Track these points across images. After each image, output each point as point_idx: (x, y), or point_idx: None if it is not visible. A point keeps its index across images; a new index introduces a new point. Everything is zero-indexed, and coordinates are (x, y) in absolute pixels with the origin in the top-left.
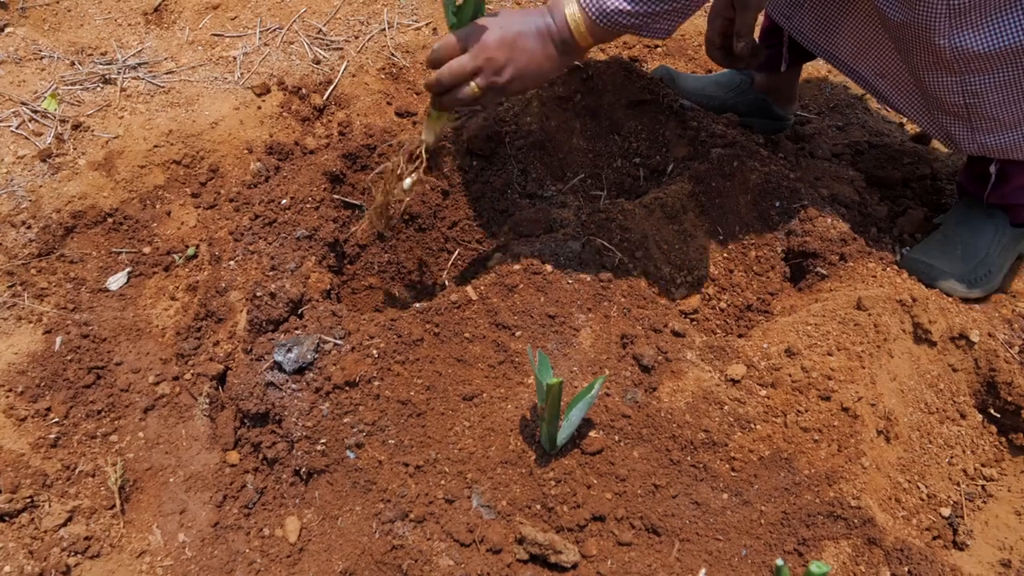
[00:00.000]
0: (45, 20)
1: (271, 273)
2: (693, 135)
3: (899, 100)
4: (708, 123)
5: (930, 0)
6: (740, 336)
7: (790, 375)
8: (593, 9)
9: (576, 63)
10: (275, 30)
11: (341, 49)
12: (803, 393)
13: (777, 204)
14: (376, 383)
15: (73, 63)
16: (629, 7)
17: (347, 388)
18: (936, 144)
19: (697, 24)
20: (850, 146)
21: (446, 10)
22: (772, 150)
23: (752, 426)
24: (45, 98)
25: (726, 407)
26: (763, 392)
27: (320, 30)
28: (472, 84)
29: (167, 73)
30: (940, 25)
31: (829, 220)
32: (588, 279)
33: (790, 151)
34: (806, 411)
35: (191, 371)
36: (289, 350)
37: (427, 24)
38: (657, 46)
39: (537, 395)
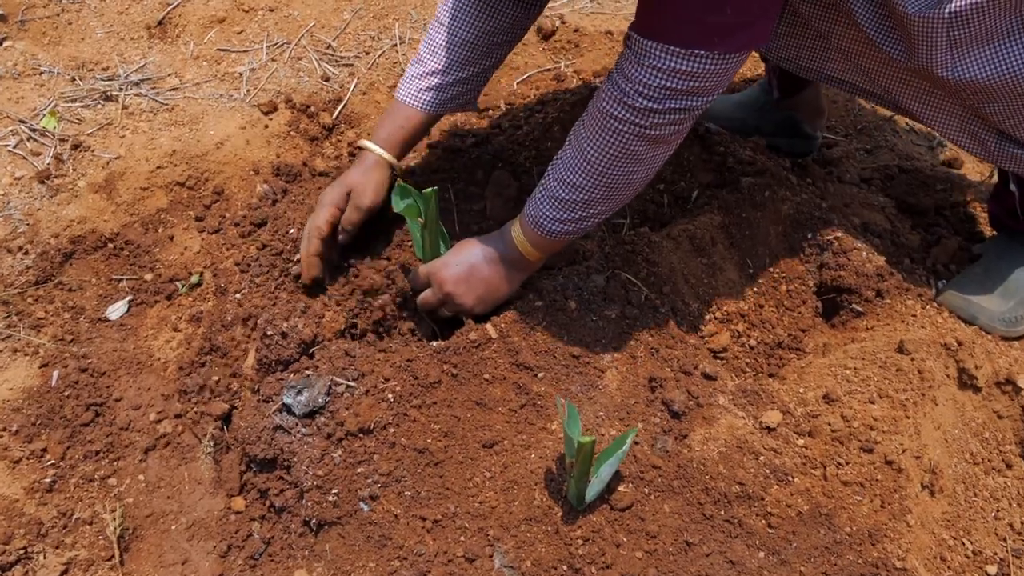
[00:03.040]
0: (45, 34)
1: (281, 310)
2: (720, 161)
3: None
4: (735, 148)
5: (930, 35)
6: (771, 375)
7: (829, 424)
8: (531, 222)
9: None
10: (283, 45)
11: (351, 65)
12: (844, 444)
13: (809, 236)
14: (391, 430)
15: (73, 79)
16: (560, 216)
17: (361, 436)
18: (968, 168)
19: None
20: (879, 170)
21: (413, 237)
22: (800, 175)
23: (789, 478)
24: (44, 116)
25: (761, 457)
26: (800, 442)
27: (329, 45)
28: (442, 310)
29: (171, 90)
30: (942, 59)
31: (864, 254)
32: (613, 316)
33: (819, 176)
34: (847, 463)
35: (194, 409)
36: (299, 392)
37: None
38: None
39: (565, 449)
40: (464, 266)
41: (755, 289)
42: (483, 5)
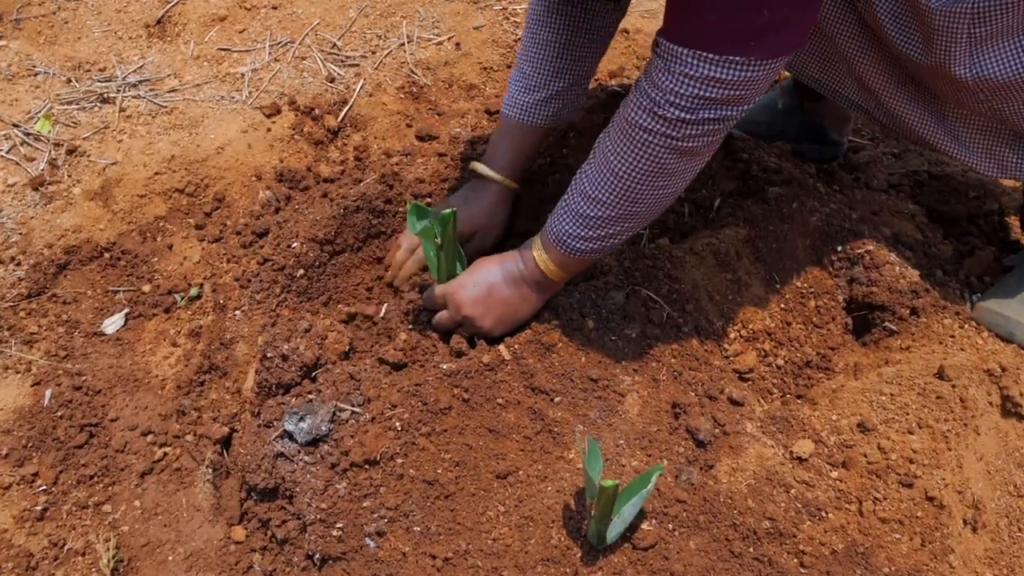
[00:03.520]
0: (40, 33)
1: (282, 331)
2: (743, 168)
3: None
4: (760, 155)
5: (951, 30)
6: (799, 397)
7: (865, 455)
8: (554, 240)
9: (617, 90)
10: (286, 44)
11: (357, 65)
12: (881, 477)
13: (839, 248)
14: (399, 460)
15: (69, 80)
16: (584, 233)
17: (367, 467)
18: None
19: None
20: (908, 176)
21: (427, 258)
22: (827, 182)
23: (823, 514)
24: (38, 119)
25: (792, 490)
26: (834, 474)
27: (334, 44)
28: (459, 331)
29: (170, 91)
30: (961, 56)
31: (898, 268)
32: (633, 336)
33: (846, 183)
34: (885, 499)
35: (193, 431)
36: (301, 419)
37: (449, 38)
38: None
39: (586, 488)
40: (482, 287)
41: (782, 305)
42: (571, 5)
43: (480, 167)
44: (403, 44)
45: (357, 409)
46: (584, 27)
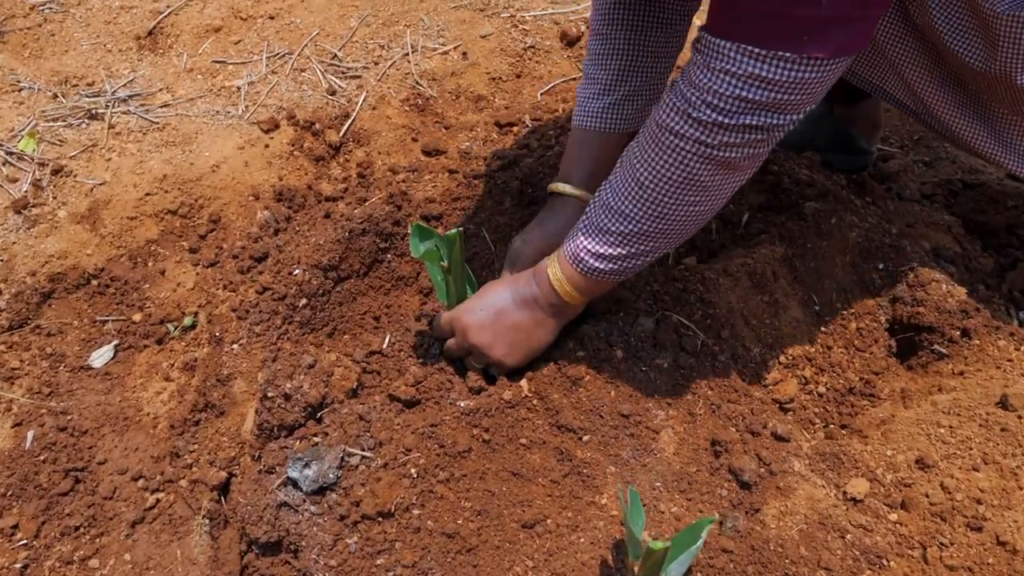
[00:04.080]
0: (25, 46)
1: (284, 366)
2: (773, 181)
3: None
4: (790, 166)
5: (1018, 35)
6: (843, 427)
7: (927, 495)
8: (570, 257)
9: None
10: (284, 56)
11: (359, 77)
12: (946, 520)
13: (880, 266)
14: (416, 511)
15: (56, 95)
16: (605, 252)
17: (380, 519)
18: None
19: None
20: (941, 185)
21: (434, 282)
22: (858, 193)
23: (884, 562)
24: (22, 137)
25: (849, 536)
26: (893, 516)
27: (335, 55)
28: (470, 361)
29: (162, 106)
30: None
31: (944, 286)
32: (666, 366)
33: (879, 194)
34: (951, 544)
35: (188, 476)
36: (307, 465)
37: (455, 47)
38: None
39: (628, 546)
40: (489, 311)
41: (822, 329)
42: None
43: (559, 186)
44: (407, 54)
45: (368, 454)
46: (655, 19)
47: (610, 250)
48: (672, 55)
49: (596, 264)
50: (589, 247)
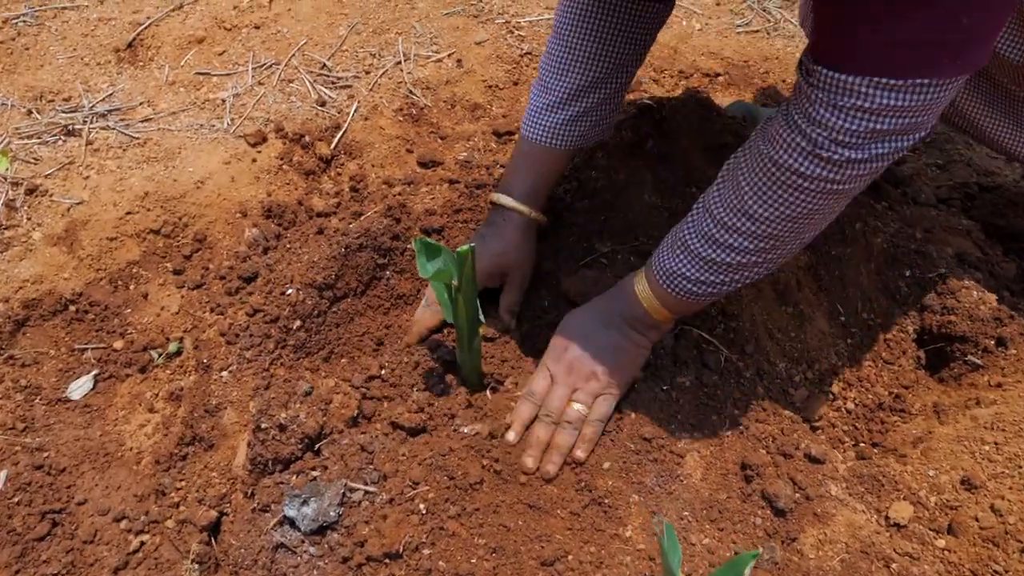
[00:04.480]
0: None
1: (278, 395)
2: None
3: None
4: None
5: None
6: (875, 444)
7: (976, 519)
8: (662, 277)
9: (649, 104)
10: (271, 66)
11: (350, 87)
12: (999, 545)
13: (907, 273)
14: (426, 551)
15: (30, 111)
16: (704, 278)
17: (387, 561)
18: None
19: (761, 48)
20: (957, 189)
21: (441, 301)
22: (874, 198)
23: None
24: None
25: (894, 565)
26: (941, 542)
27: (324, 65)
28: (577, 407)
29: (143, 121)
30: None
31: (975, 293)
32: (688, 384)
33: (894, 198)
34: (1006, 572)
35: (174, 516)
36: (305, 503)
37: (449, 55)
38: (718, 74)
39: None
40: (579, 340)
41: (849, 341)
42: (607, 4)
43: (502, 198)
44: (399, 62)
45: (371, 488)
46: (623, 29)
47: (708, 276)
48: (633, 69)
49: (689, 287)
50: (686, 272)
